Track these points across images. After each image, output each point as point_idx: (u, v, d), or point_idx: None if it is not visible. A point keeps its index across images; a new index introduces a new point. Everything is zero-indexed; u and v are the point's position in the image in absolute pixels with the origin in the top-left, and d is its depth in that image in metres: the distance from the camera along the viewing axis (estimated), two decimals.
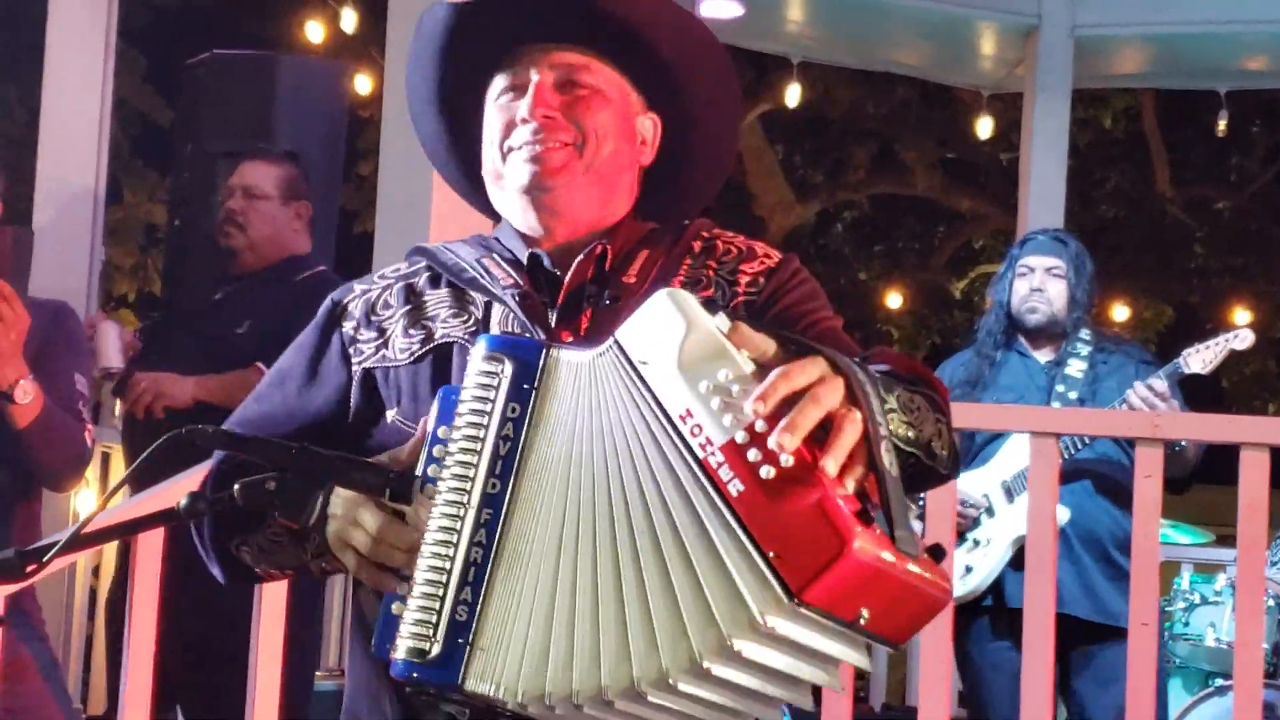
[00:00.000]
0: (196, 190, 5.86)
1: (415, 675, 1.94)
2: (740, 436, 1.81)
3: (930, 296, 17.30)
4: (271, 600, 3.92)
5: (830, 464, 1.78)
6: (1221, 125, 9.12)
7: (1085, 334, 5.31)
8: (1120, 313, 15.15)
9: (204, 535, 2.32)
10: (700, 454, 1.83)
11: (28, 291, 3.76)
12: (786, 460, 1.78)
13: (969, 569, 5.13)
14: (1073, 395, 5.18)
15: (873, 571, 1.77)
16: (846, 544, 1.74)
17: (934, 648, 4.34)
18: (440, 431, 2.00)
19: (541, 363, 1.97)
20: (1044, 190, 7.73)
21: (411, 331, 2.31)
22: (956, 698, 5.72)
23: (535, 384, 1.96)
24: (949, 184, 15.75)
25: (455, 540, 1.94)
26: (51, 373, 3.85)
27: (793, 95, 9.71)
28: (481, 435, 1.96)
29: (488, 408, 1.97)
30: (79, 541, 1.98)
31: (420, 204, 4.60)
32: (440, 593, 1.93)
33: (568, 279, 2.29)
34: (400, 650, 1.94)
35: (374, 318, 2.36)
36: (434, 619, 1.93)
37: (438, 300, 2.34)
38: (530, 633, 1.90)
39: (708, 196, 2.50)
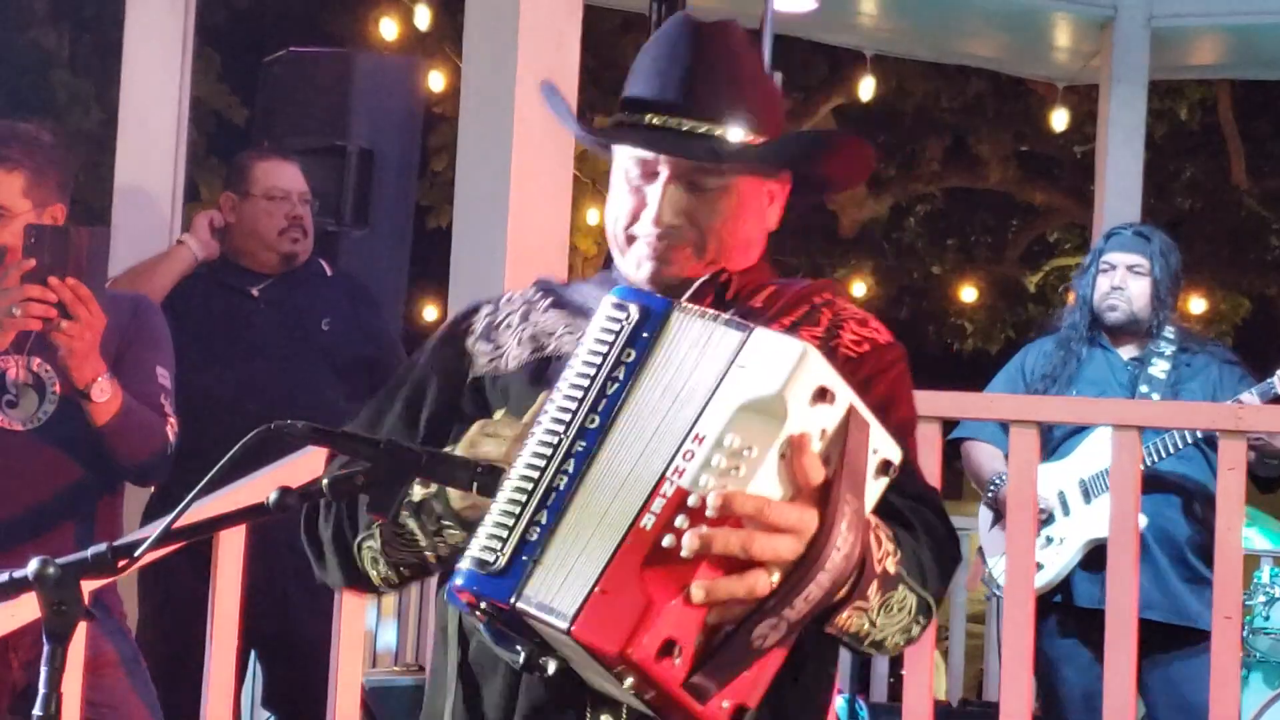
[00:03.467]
0: None
1: (474, 588, 1.97)
2: (692, 499, 1.86)
3: (1004, 290, 17.17)
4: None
5: (698, 593, 1.85)
6: None
7: (1170, 332, 5.25)
8: (1197, 305, 14.99)
9: (320, 534, 2.34)
10: (664, 471, 1.89)
11: (105, 289, 3.77)
12: (685, 551, 1.85)
13: (1040, 565, 5.10)
14: (1155, 397, 5.13)
15: (634, 670, 1.87)
16: (623, 649, 1.85)
17: (1015, 643, 4.32)
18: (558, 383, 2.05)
19: (665, 314, 2.01)
20: (1121, 183, 7.66)
21: (524, 342, 2.35)
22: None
23: (656, 332, 2.00)
24: (1023, 177, 15.63)
25: (545, 466, 1.98)
26: (132, 368, 3.88)
27: (866, 89, 9.62)
28: (593, 374, 2.01)
29: (605, 350, 2.02)
30: (170, 536, 1.99)
31: (499, 199, 4.61)
32: (518, 511, 1.97)
33: (687, 294, 2.27)
34: (465, 561, 1.98)
35: (493, 335, 2.38)
36: (506, 534, 1.96)
37: (556, 319, 2.37)
38: (580, 562, 1.92)
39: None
